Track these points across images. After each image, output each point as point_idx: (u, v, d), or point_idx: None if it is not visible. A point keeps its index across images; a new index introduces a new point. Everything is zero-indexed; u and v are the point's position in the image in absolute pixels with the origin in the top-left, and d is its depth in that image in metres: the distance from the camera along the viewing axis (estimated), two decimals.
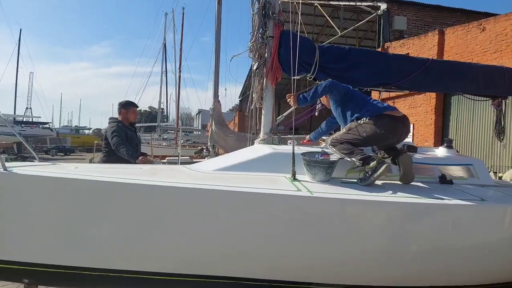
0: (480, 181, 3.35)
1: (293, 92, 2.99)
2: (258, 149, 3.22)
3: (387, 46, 11.38)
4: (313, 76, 3.58)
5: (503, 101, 4.45)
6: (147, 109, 47.66)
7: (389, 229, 2.65)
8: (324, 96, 3.27)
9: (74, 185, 2.36)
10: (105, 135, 4.17)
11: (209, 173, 2.87)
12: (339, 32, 10.81)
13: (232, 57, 4.36)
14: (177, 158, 8.52)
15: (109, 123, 4.32)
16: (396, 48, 10.94)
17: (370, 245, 2.62)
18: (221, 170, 2.90)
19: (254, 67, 3.54)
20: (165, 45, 29.57)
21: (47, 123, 39.65)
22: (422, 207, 2.59)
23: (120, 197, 2.37)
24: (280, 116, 3.73)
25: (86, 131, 51.98)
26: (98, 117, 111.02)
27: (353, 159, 2.85)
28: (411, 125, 9.38)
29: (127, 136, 4.19)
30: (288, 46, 3.08)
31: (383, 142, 2.96)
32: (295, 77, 3.06)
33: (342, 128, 3.10)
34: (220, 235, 2.46)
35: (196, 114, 55.85)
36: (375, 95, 5.62)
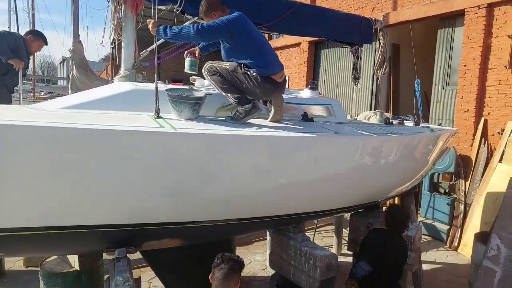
0: (336, 119, 3.70)
1: (153, 19, 2.64)
2: (117, 86, 2.86)
3: None
4: (180, 9, 3.27)
5: (359, 48, 4.92)
6: None
7: (257, 162, 2.69)
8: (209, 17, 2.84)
9: None
10: None
11: (55, 111, 2.42)
12: None
13: None
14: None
15: None
16: None
17: (240, 179, 2.64)
18: (70, 108, 2.48)
19: None
20: None
21: None
22: (286, 141, 2.70)
23: None
24: (144, 51, 3.34)
25: None
26: None
27: (229, 95, 2.78)
28: (287, 78, 9.89)
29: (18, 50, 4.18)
30: None
31: (253, 97, 2.91)
32: (156, 7, 2.70)
33: (226, 61, 2.87)
34: (71, 181, 2.13)
35: (60, 63, 48.43)
36: None
